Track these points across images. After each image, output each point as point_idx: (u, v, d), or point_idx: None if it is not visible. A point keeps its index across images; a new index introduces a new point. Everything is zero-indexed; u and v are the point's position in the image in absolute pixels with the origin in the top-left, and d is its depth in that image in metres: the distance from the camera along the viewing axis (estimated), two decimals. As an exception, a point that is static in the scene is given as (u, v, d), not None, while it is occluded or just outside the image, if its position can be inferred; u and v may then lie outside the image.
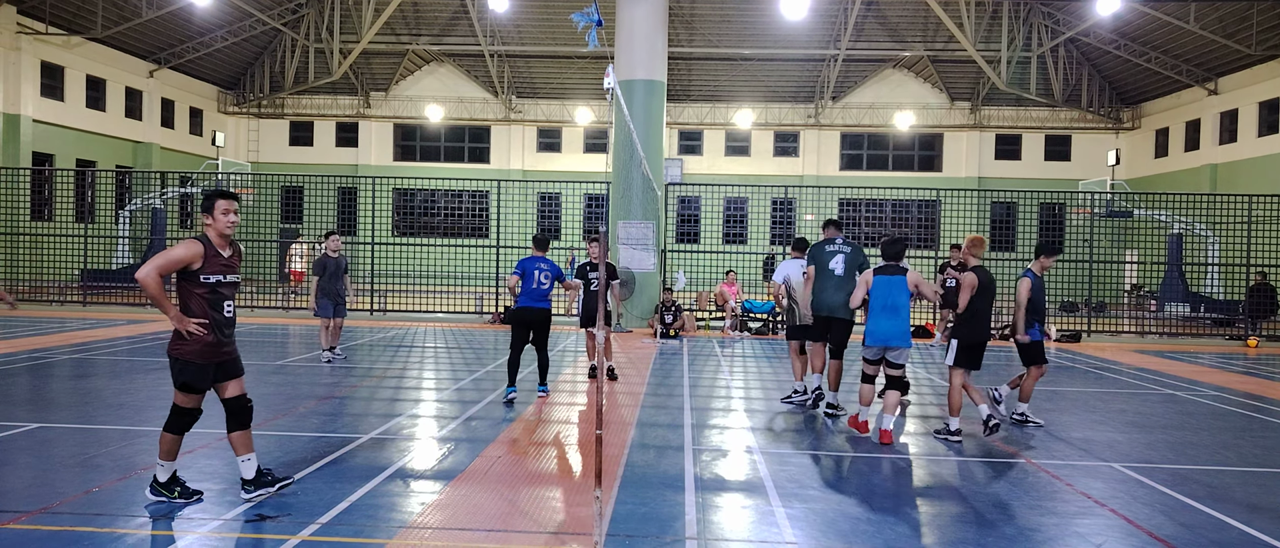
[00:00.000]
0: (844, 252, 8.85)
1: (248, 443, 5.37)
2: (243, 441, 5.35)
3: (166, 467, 5.27)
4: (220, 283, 5.21)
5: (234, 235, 5.36)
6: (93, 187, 23.71)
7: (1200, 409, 9.70)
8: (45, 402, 8.47)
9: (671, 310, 16.77)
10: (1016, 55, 31.90)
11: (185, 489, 5.33)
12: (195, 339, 5.10)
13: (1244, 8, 26.03)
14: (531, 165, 37.89)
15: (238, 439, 5.34)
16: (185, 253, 5.07)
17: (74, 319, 16.99)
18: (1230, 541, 5.20)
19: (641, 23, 18.15)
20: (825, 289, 8.83)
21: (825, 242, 9.03)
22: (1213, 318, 21.14)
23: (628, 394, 9.81)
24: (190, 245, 5.10)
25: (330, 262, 11.83)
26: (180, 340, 5.13)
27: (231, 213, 5.26)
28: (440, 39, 35.39)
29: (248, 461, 5.35)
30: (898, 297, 7.51)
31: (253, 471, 5.36)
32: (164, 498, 5.25)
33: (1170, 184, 31.38)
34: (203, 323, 5.12)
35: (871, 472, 6.67)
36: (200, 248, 5.11)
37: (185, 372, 5.15)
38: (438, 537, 4.90)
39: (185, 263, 5.08)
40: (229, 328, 5.31)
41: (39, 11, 25.94)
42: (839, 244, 8.92)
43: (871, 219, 35.77)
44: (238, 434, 5.33)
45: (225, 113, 36.92)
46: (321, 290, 11.78)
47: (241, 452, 5.35)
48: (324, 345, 11.90)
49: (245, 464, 5.35)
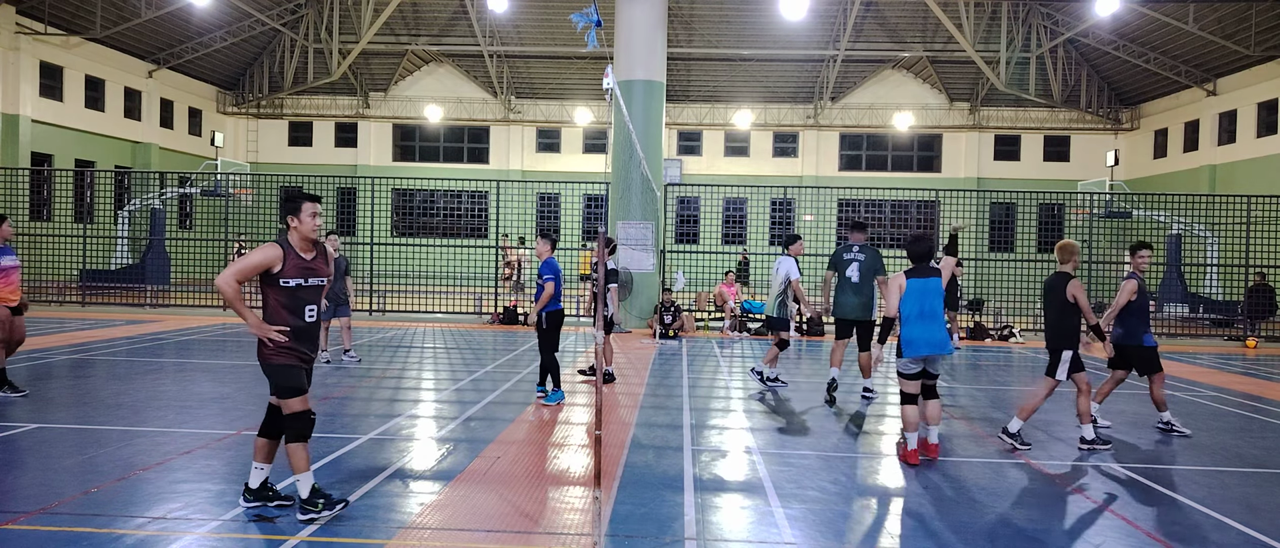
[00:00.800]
0: (860, 259, 9.50)
1: (290, 461, 5.10)
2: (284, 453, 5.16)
3: (305, 479, 5.05)
4: (300, 286, 5.06)
5: (320, 237, 5.23)
6: (92, 187, 23.68)
7: (1199, 410, 9.70)
8: (44, 402, 8.46)
9: (671, 311, 16.77)
10: (1015, 56, 31.92)
11: (329, 499, 5.10)
12: (278, 344, 4.99)
13: (1243, 8, 26.05)
14: (531, 166, 37.89)
15: (287, 452, 5.10)
16: (263, 258, 4.95)
17: (73, 320, 16.98)
18: (1229, 541, 5.21)
19: (641, 23, 18.16)
20: (844, 293, 9.57)
21: (846, 247, 9.67)
22: (1211, 319, 21.14)
23: (627, 395, 9.81)
24: (268, 249, 4.99)
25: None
26: (266, 347, 5.02)
27: (318, 215, 5.14)
28: (439, 39, 35.39)
29: (300, 481, 5.09)
30: (935, 301, 6.98)
31: (306, 490, 5.08)
32: (313, 514, 5.01)
33: (1169, 185, 31.39)
34: (284, 330, 4.99)
35: (871, 472, 6.67)
36: (278, 252, 4.99)
37: (281, 375, 5.00)
38: (437, 537, 4.90)
39: (264, 268, 4.96)
40: (310, 333, 5.13)
41: (38, 11, 25.92)
42: (856, 252, 9.57)
43: (871, 220, 35.79)
44: (288, 447, 5.08)
45: (224, 113, 36.91)
46: None
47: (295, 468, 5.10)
48: (323, 346, 11.88)
49: (300, 482, 5.09)
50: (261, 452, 5.20)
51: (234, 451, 6.67)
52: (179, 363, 11.56)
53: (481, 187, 32.76)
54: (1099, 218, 26.51)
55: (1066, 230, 31.82)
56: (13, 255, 8.82)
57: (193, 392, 9.22)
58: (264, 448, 5.20)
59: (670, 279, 18.70)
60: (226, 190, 25.47)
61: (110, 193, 25.08)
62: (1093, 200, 24.43)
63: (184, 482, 5.78)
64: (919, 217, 33.47)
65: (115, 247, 25.57)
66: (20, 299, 8.89)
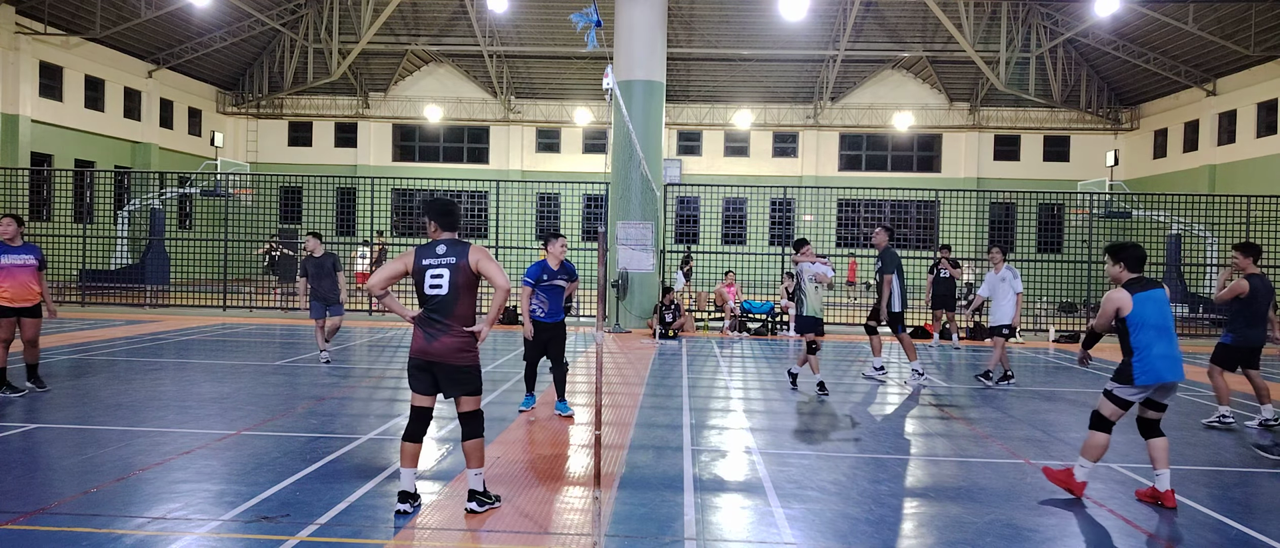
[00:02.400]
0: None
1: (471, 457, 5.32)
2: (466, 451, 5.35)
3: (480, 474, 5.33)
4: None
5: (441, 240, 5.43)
6: (91, 187, 23.69)
7: (1198, 410, 9.70)
8: (43, 402, 8.46)
9: (670, 311, 16.77)
10: (1015, 56, 31.90)
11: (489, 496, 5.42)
12: (413, 338, 5.29)
13: (1243, 8, 26.04)
14: (530, 166, 37.89)
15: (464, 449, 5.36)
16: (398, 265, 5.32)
17: (72, 320, 16.98)
18: (1229, 541, 5.21)
19: (641, 23, 18.15)
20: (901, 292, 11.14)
21: (891, 247, 11.21)
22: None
23: (627, 395, 9.81)
24: (404, 257, 5.31)
25: (312, 263, 11.81)
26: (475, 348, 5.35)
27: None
28: (439, 39, 35.38)
29: (474, 474, 5.32)
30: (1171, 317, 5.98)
31: (480, 483, 5.33)
32: (489, 504, 5.35)
33: (1169, 185, 31.38)
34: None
35: (870, 472, 6.67)
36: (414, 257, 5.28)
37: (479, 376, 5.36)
38: (437, 537, 4.90)
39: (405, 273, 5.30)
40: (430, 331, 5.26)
41: (38, 11, 25.91)
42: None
43: (870, 220, 35.79)
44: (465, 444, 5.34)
45: (224, 113, 36.89)
46: (310, 292, 11.80)
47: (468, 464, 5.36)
48: (320, 346, 11.90)
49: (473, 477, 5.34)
50: (413, 457, 5.32)
51: (234, 451, 6.67)
52: (178, 363, 11.55)
53: (481, 187, 32.72)
54: (1099, 218, 26.50)
55: (1066, 231, 31.82)
56: (16, 254, 8.75)
57: (192, 392, 9.22)
58: (415, 453, 5.33)
59: (670, 279, 18.70)
60: (226, 190, 25.46)
61: (110, 193, 25.09)
62: (1092, 200, 24.38)
63: (184, 482, 5.78)
64: (919, 217, 33.49)
65: (115, 247, 25.55)
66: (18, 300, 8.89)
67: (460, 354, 5.18)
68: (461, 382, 5.23)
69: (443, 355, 5.17)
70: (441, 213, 5.35)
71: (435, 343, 5.18)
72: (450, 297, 5.16)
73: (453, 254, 5.19)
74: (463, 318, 5.20)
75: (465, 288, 5.18)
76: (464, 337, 5.19)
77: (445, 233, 5.33)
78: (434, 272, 5.18)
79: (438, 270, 5.18)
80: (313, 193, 24.47)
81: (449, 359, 5.17)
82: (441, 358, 5.17)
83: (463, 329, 5.19)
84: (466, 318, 5.23)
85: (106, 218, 24.66)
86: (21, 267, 8.66)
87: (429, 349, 5.19)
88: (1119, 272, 6.05)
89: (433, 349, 5.18)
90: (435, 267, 5.19)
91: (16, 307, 8.63)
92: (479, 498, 5.29)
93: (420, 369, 5.24)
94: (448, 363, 5.18)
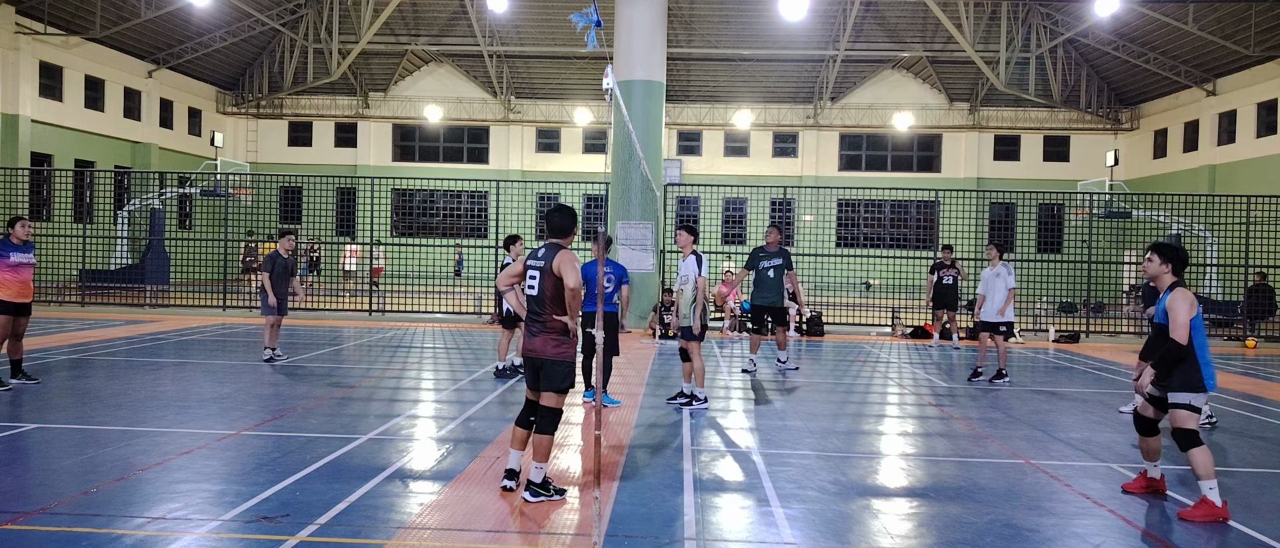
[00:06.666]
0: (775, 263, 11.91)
1: (536, 450, 5.60)
2: (532, 445, 5.66)
3: (542, 467, 5.62)
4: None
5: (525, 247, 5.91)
6: (91, 187, 23.67)
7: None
8: (44, 402, 8.46)
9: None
10: (1015, 56, 31.90)
11: (555, 488, 5.71)
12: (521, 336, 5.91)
13: (1243, 8, 26.04)
14: (530, 166, 37.88)
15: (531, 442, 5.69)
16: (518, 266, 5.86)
17: (72, 320, 16.97)
18: (1229, 541, 5.21)
19: (641, 23, 18.15)
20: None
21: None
22: (1211, 319, 21.13)
23: (627, 394, 9.81)
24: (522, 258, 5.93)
25: (281, 261, 11.64)
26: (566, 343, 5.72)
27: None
28: (439, 39, 35.38)
29: (536, 468, 5.59)
30: None
31: (539, 476, 5.60)
32: (543, 496, 5.57)
33: (1169, 185, 31.38)
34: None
35: (870, 472, 6.67)
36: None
37: (571, 372, 5.71)
38: (436, 538, 4.90)
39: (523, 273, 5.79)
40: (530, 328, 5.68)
41: (37, 11, 25.90)
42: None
43: (870, 220, 35.81)
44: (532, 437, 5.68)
45: (224, 113, 36.89)
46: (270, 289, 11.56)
47: (532, 457, 5.63)
48: (267, 343, 11.63)
49: (533, 470, 5.61)
50: (521, 441, 5.78)
51: (233, 451, 6.67)
52: (178, 363, 11.55)
53: (481, 187, 32.73)
54: (1099, 218, 26.51)
55: (1066, 231, 31.83)
56: (26, 252, 9.04)
57: (192, 392, 9.22)
58: (523, 437, 5.78)
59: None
60: (226, 190, 25.46)
61: (110, 193, 25.07)
62: (1092, 200, 24.43)
63: (183, 482, 5.78)
64: (919, 217, 33.48)
65: (115, 247, 25.55)
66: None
67: (553, 350, 5.58)
68: (548, 376, 5.59)
69: (538, 351, 5.60)
70: (547, 219, 5.78)
71: (533, 340, 5.64)
72: (542, 297, 5.60)
73: (546, 258, 5.62)
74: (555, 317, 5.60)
75: (554, 288, 5.56)
76: (555, 334, 5.58)
77: (553, 238, 5.75)
78: (532, 273, 5.69)
79: (534, 272, 5.67)
80: (312, 193, 24.48)
81: (542, 354, 5.58)
82: (538, 353, 5.60)
83: (554, 321, 5.57)
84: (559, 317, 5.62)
85: (106, 218, 24.65)
86: (30, 265, 9.09)
87: (529, 346, 5.66)
88: (1165, 273, 5.85)
89: (531, 346, 5.65)
90: (533, 269, 5.69)
91: (21, 303, 9.00)
92: (535, 489, 5.56)
93: (526, 364, 5.72)
94: (541, 357, 5.59)
